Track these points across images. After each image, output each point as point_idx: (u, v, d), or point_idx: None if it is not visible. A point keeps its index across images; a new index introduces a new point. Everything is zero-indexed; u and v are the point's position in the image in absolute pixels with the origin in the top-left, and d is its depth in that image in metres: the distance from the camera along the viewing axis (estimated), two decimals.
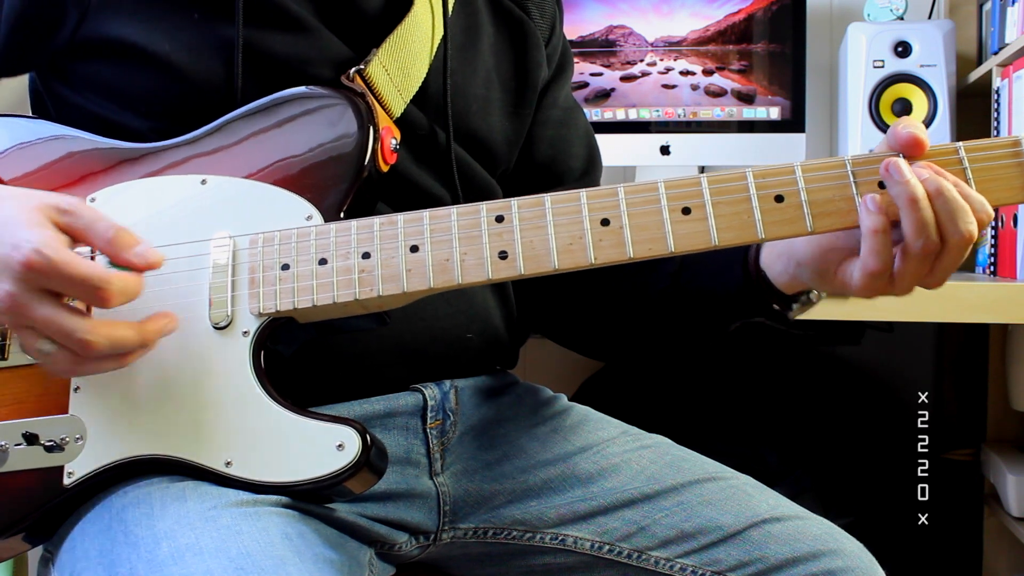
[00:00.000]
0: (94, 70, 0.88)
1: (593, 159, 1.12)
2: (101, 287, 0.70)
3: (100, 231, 0.73)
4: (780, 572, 0.91)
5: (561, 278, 0.94)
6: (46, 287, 0.71)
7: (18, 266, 0.69)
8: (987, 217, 0.74)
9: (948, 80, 1.75)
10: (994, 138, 0.76)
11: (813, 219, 0.75)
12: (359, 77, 0.87)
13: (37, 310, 0.70)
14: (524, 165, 1.06)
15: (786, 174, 0.75)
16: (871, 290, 0.76)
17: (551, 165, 1.08)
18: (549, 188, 1.07)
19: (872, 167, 0.75)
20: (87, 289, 0.70)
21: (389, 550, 0.92)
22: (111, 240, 0.73)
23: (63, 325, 0.71)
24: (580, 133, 1.11)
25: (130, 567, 0.71)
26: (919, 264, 0.73)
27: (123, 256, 0.73)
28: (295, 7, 0.88)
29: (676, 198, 0.76)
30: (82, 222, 0.73)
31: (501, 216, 0.77)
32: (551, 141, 1.07)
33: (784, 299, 0.87)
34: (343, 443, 0.76)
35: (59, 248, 0.70)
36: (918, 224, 0.72)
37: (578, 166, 1.09)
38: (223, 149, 0.84)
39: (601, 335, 1.08)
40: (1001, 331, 1.84)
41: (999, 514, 1.74)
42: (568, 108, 1.10)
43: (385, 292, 0.77)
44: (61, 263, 0.69)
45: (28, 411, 0.80)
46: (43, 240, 0.70)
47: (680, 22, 1.87)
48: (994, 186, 0.75)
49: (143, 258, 0.74)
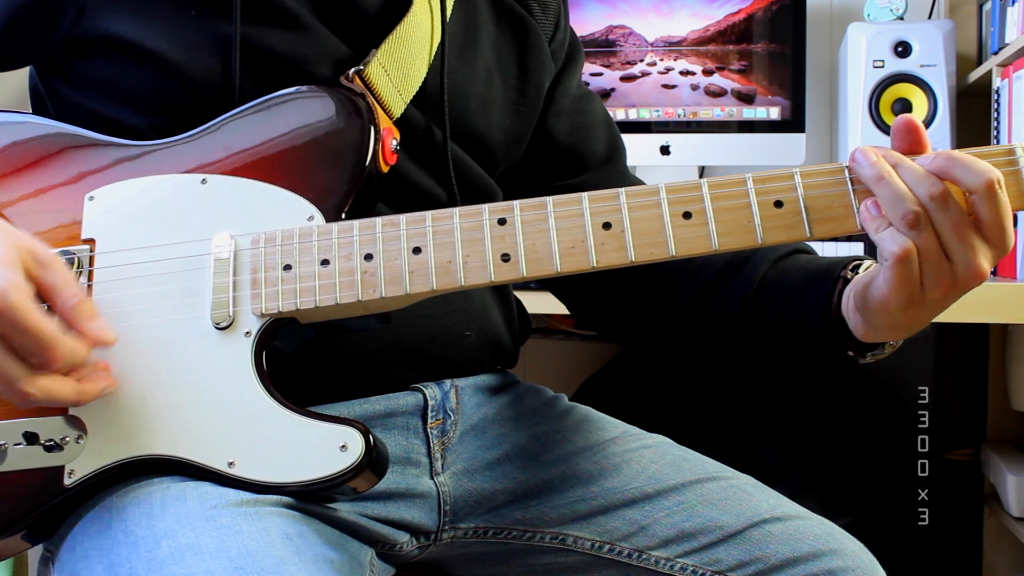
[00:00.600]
0: (92, 67, 0.88)
1: (615, 144, 1.11)
2: (48, 347, 0.70)
3: (66, 295, 0.73)
4: (780, 572, 0.91)
5: (614, 279, 0.94)
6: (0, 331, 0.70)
7: None
8: (974, 178, 0.71)
9: (948, 80, 1.75)
10: (990, 146, 0.76)
11: (811, 225, 0.75)
12: (358, 78, 0.87)
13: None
14: (546, 157, 1.06)
15: (785, 179, 0.76)
16: (904, 286, 0.73)
17: (572, 153, 1.07)
18: (574, 176, 1.07)
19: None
20: (36, 345, 0.70)
21: (390, 550, 0.92)
22: (73, 307, 0.73)
23: (7, 371, 0.70)
24: (599, 119, 1.10)
25: (130, 567, 0.71)
26: (925, 245, 0.72)
27: (80, 325, 0.73)
28: (293, 4, 0.88)
29: (677, 202, 0.76)
30: (53, 279, 0.73)
31: (504, 219, 0.78)
32: (569, 130, 1.07)
33: (861, 347, 0.84)
34: (346, 444, 0.76)
35: (22, 296, 0.70)
36: (890, 196, 0.72)
37: (601, 151, 1.09)
38: (222, 148, 0.84)
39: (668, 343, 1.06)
40: (1001, 331, 1.84)
41: (999, 514, 1.74)
42: (581, 96, 1.10)
43: (388, 294, 0.77)
44: (20, 310, 0.69)
45: (28, 410, 0.80)
46: (9, 282, 0.69)
47: (680, 22, 1.87)
48: None
49: (97, 335, 0.74)
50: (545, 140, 1.06)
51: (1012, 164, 0.75)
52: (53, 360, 0.71)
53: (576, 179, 1.07)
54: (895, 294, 0.73)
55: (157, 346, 0.79)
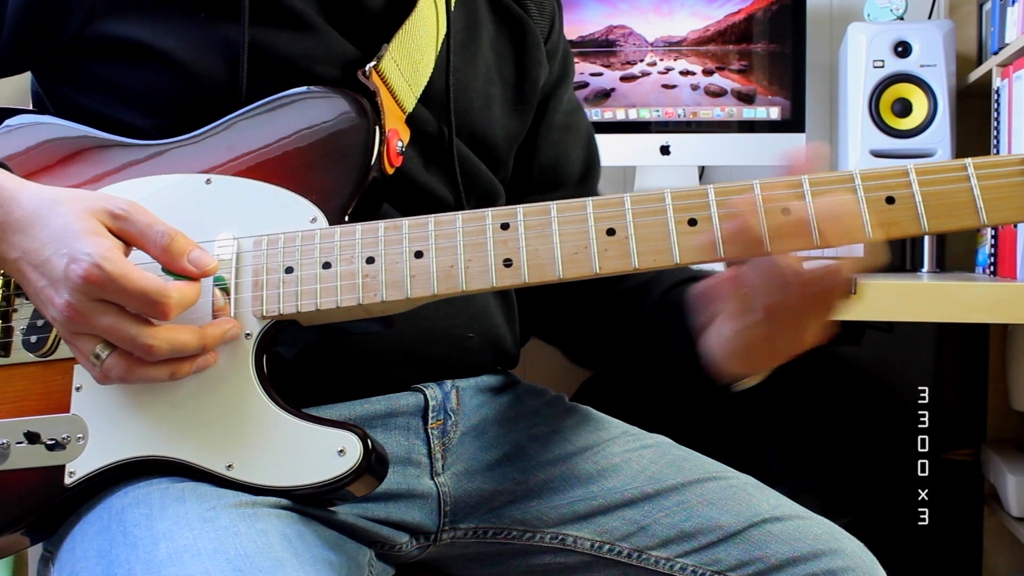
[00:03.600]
0: (99, 69, 0.88)
1: (591, 164, 1.12)
2: (160, 300, 0.72)
3: (154, 239, 0.74)
4: (780, 572, 0.91)
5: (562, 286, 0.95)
6: (104, 297, 0.72)
7: (78, 280, 0.71)
8: None
9: (948, 80, 1.75)
10: (1003, 155, 0.74)
11: (819, 235, 0.73)
12: (375, 73, 0.87)
13: (99, 319, 0.72)
14: (526, 168, 1.07)
15: (794, 187, 0.73)
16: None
17: (552, 170, 1.08)
18: (548, 192, 1.07)
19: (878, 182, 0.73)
20: (146, 302, 0.72)
21: (389, 551, 0.93)
22: (166, 248, 0.74)
23: (127, 331, 0.72)
24: (581, 138, 1.11)
25: (128, 568, 0.71)
26: None
27: (179, 264, 0.75)
28: (300, 5, 0.88)
29: (682, 209, 0.75)
30: (136, 228, 0.74)
31: (507, 223, 0.77)
32: (554, 146, 1.08)
33: None
34: (344, 448, 0.76)
35: (117, 261, 0.71)
36: None
37: (576, 171, 1.10)
38: (227, 148, 0.84)
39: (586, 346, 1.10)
40: (1001, 331, 1.84)
41: (999, 514, 1.74)
42: (571, 111, 1.10)
43: (389, 298, 0.77)
44: (120, 277, 0.71)
45: (30, 409, 0.81)
46: (101, 252, 0.71)
47: (680, 22, 1.87)
48: (1001, 205, 0.73)
49: (198, 265, 0.75)
50: (530, 150, 1.07)
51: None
52: (168, 310, 0.72)
53: (552, 195, 1.06)
54: None
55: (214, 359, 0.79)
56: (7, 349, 0.83)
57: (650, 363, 1.04)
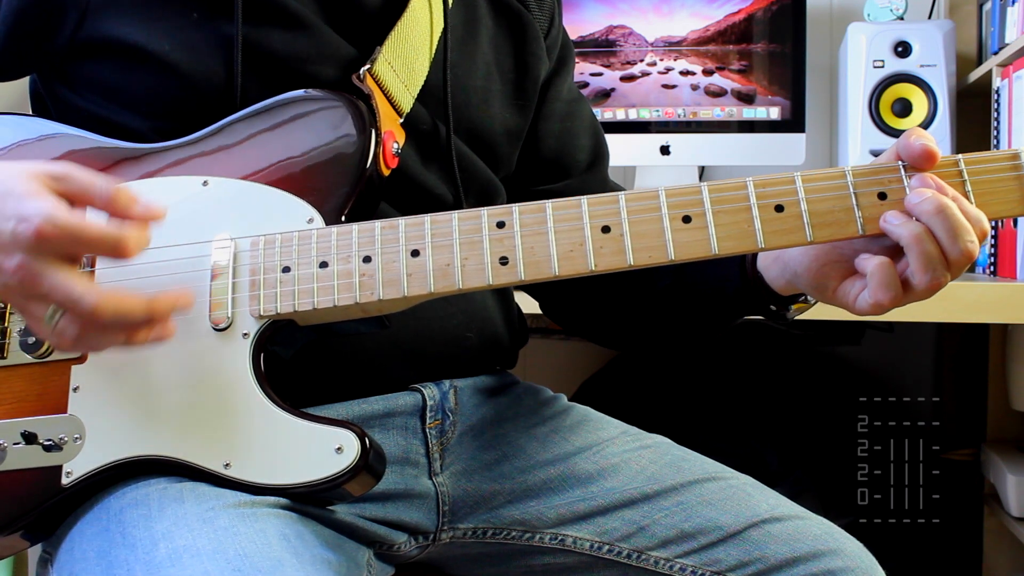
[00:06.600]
0: (94, 71, 0.88)
1: (599, 151, 1.12)
2: (119, 239, 0.71)
3: (98, 193, 0.73)
4: (780, 572, 0.91)
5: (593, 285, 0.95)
6: (60, 252, 0.71)
7: (31, 238, 0.69)
8: (984, 233, 0.74)
9: (948, 80, 1.75)
10: (994, 151, 0.76)
11: (813, 229, 0.75)
12: (369, 76, 0.87)
13: (48, 277, 0.70)
14: (531, 160, 1.06)
15: (786, 183, 0.76)
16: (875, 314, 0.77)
17: (557, 159, 1.08)
18: (556, 182, 1.07)
19: (872, 179, 0.75)
20: (106, 244, 0.71)
21: (388, 550, 0.92)
22: (111, 200, 0.73)
23: (73, 290, 0.70)
24: (585, 125, 1.11)
25: (128, 568, 0.71)
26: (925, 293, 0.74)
27: (128, 212, 0.74)
28: (295, 4, 0.88)
29: (677, 206, 0.76)
30: (78, 185, 0.73)
31: (502, 222, 0.77)
32: (557, 135, 1.07)
33: (781, 300, 0.89)
34: (342, 446, 0.76)
35: (67, 213, 0.71)
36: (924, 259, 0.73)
37: (584, 158, 1.09)
38: (224, 150, 0.84)
39: (610, 326, 1.09)
40: (1001, 331, 1.84)
41: (999, 514, 1.74)
42: (572, 100, 1.10)
43: (386, 296, 0.77)
44: (75, 227, 0.70)
45: (27, 410, 0.81)
46: (49, 209, 0.70)
47: (680, 22, 1.87)
48: (992, 199, 0.75)
49: (147, 213, 0.75)
50: (532, 142, 1.06)
51: (1017, 169, 0.75)
52: (128, 246, 0.71)
53: (558, 184, 1.07)
54: None
55: (155, 346, 0.79)
56: (4, 350, 0.83)
57: (684, 320, 1.02)
